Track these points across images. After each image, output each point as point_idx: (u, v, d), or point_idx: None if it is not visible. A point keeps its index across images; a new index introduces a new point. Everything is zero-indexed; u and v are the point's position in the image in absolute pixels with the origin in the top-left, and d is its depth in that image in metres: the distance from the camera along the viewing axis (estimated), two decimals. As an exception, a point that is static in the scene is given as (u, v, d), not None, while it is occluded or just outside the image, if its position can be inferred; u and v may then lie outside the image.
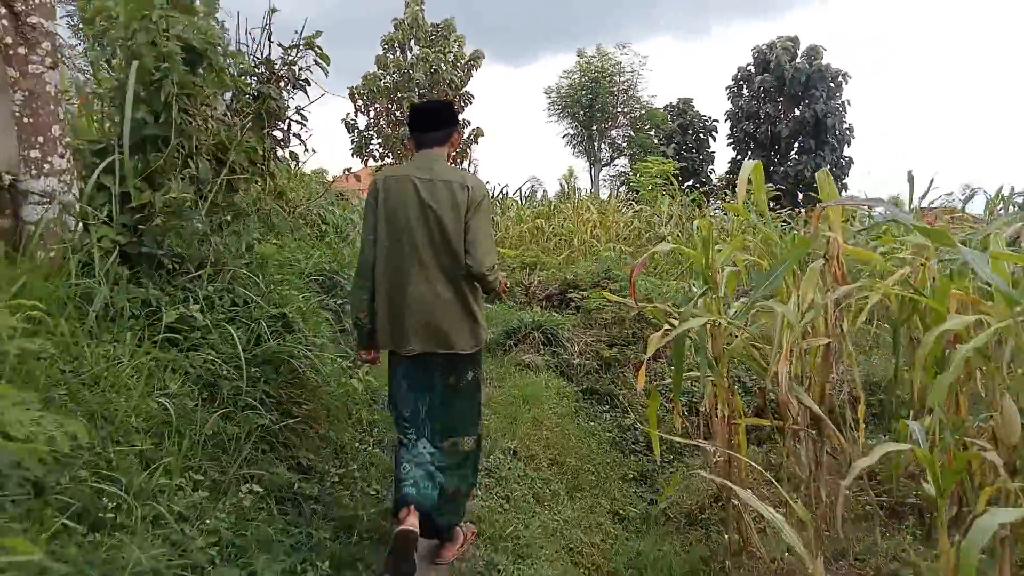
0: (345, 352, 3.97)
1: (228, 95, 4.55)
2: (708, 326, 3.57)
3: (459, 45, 32.29)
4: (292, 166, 4.97)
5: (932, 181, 9.03)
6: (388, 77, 31.92)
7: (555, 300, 8.96)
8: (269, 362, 2.98)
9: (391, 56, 32.20)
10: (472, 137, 32.47)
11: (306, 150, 4.86)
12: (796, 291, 3.62)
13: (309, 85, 4.75)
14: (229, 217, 3.53)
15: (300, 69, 4.80)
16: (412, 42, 32.23)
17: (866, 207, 8.05)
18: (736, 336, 3.69)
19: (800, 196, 24.30)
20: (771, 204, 13.17)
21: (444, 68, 31.63)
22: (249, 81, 4.53)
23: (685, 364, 3.85)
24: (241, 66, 4.52)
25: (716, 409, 4.03)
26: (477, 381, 3.21)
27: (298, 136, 4.88)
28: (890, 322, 4.14)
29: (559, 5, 66.48)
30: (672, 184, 14.51)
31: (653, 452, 5.44)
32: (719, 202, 19.37)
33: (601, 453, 4.83)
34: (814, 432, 3.54)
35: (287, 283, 3.69)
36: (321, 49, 4.81)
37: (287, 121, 4.81)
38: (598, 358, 5.87)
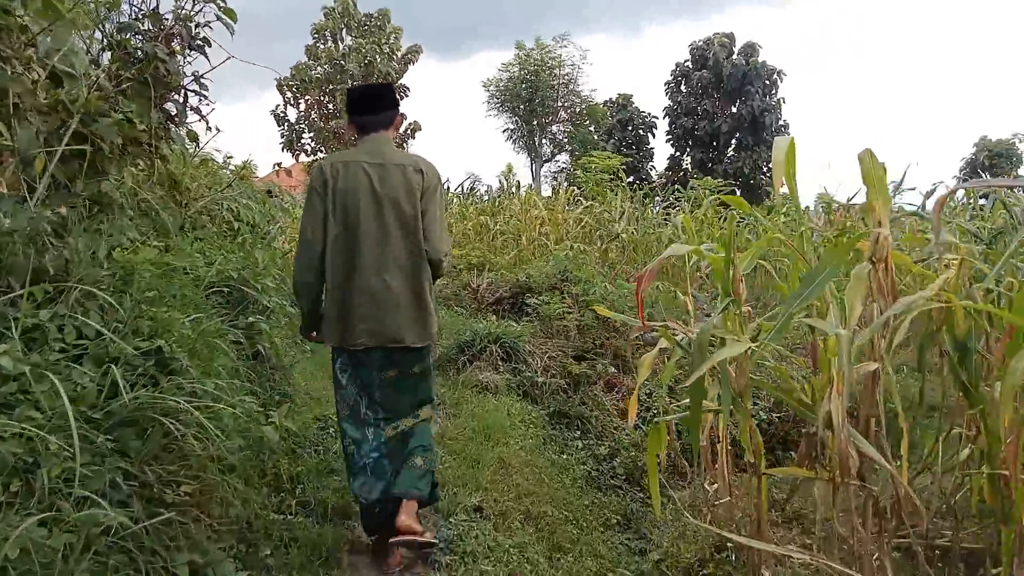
0: (254, 390, 3.02)
1: (105, 56, 3.56)
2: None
3: (395, 37, 31.17)
4: (190, 148, 3.95)
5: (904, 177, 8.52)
6: (319, 68, 30.54)
7: (506, 304, 8.10)
8: (130, 423, 2.02)
9: (322, 46, 30.80)
10: (409, 131, 31.36)
11: (208, 128, 3.87)
12: (835, 303, 2.89)
13: (209, 46, 3.77)
14: (87, 212, 2.53)
15: (198, 26, 3.81)
16: (344, 32, 30.91)
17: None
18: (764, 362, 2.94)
19: (738, 192, 24.14)
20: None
21: (379, 60, 30.42)
22: (129, 37, 3.53)
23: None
24: (121, 21, 3.52)
25: (725, 448, 3.27)
26: (428, 370, 3.11)
27: (197, 111, 3.89)
28: (945, 339, 3.43)
29: (492, 3, 65.71)
30: (620, 179, 13.87)
31: (632, 485, 4.62)
32: (660, 199, 18.75)
33: (577, 493, 4.00)
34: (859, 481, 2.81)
35: (172, 301, 2.70)
36: (225, 2, 3.82)
37: (182, 91, 3.81)
38: (565, 374, 5.04)
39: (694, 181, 13.65)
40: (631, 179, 26.13)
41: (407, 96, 31.13)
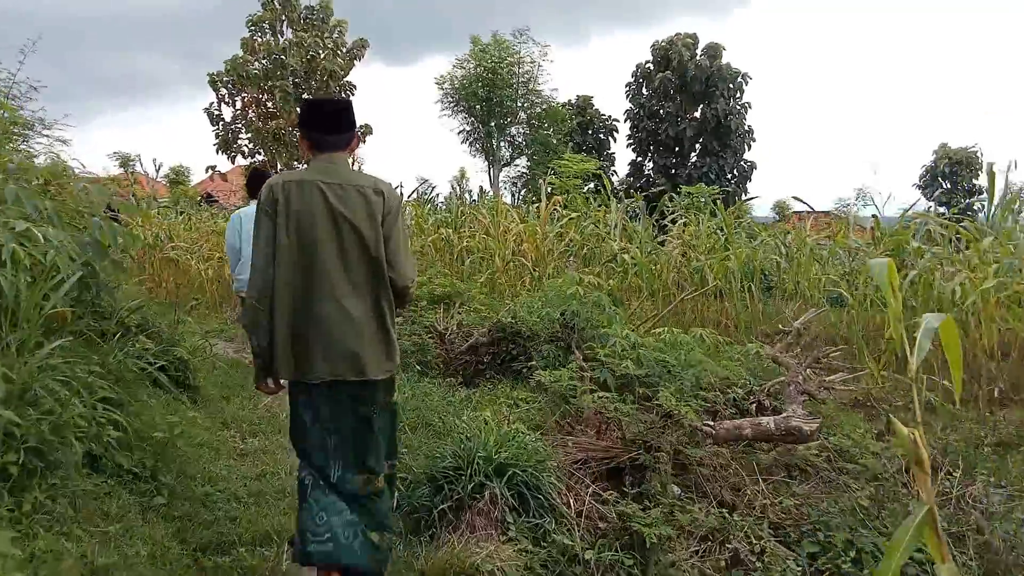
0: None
1: None
2: None
3: (340, 32, 28.64)
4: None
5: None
6: (257, 63, 27.82)
7: (485, 355, 5.96)
8: None
9: (260, 39, 28.06)
10: (359, 132, 28.89)
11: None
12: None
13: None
14: None
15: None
16: (284, 24, 28.26)
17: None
18: None
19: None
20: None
21: (322, 55, 27.89)
22: None
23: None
24: None
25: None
26: (393, 408, 2.93)
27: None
28: None
29: (438, 8, 63.47)
30: (605, 186, 11.88)
31: None
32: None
33: None
34: None
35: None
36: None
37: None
38: (619, 529, 2.89)
39: (690, 188, 11.73)
40: (591, 185, 24.26)
41: (353, 94, 28.73)
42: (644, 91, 32.66)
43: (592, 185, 25.76)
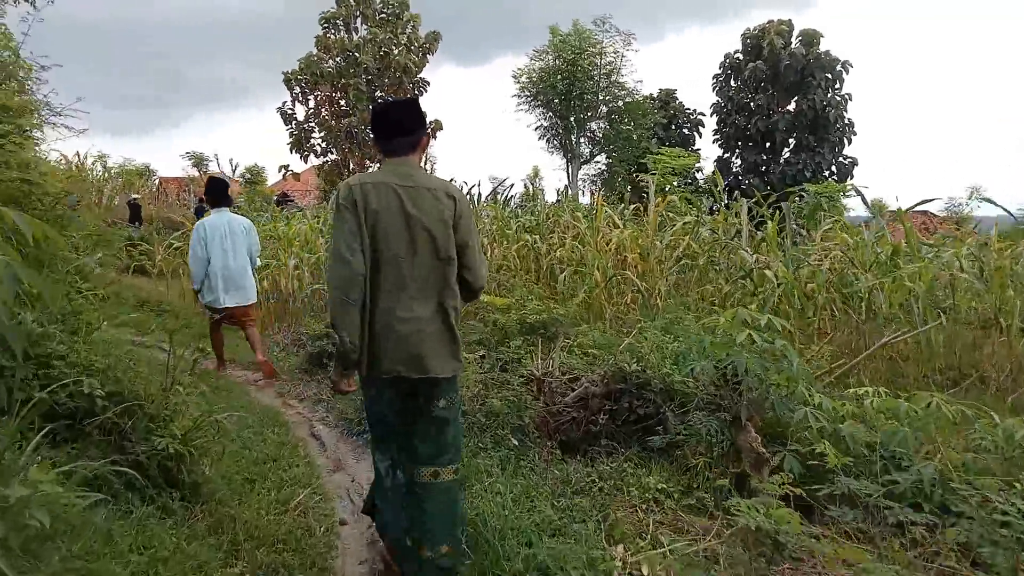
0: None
1: None
2: None
3: (413, 26, 27.60)
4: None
5: None
6: (331, 61, 27.05)
7: (598, 414, 4.37)
8: None
9: (333, 36, 27.28)
10: (430, 131, 27.80)
11: None
12: None
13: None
14: None
15: None
16: (359, 21, 27.39)
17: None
18: None
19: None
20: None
21: (396, 51, 26.89)
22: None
23: None
24: None
25: None
26: (457, 404, 2.85)
27: None
28: None
29: (512, 8, 62.09)
30: (716, 183, 10.08)
31: None
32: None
33: None
34: None
35: None
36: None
37: None
38: None
39: (818, 186, 9.82)
40: (675, 184, 22.29)
41: (426, 91, 27.63)
42: (733, 83, 30.35)
43: (675, 184, 23.84)
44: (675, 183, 12.74)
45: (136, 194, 18.43)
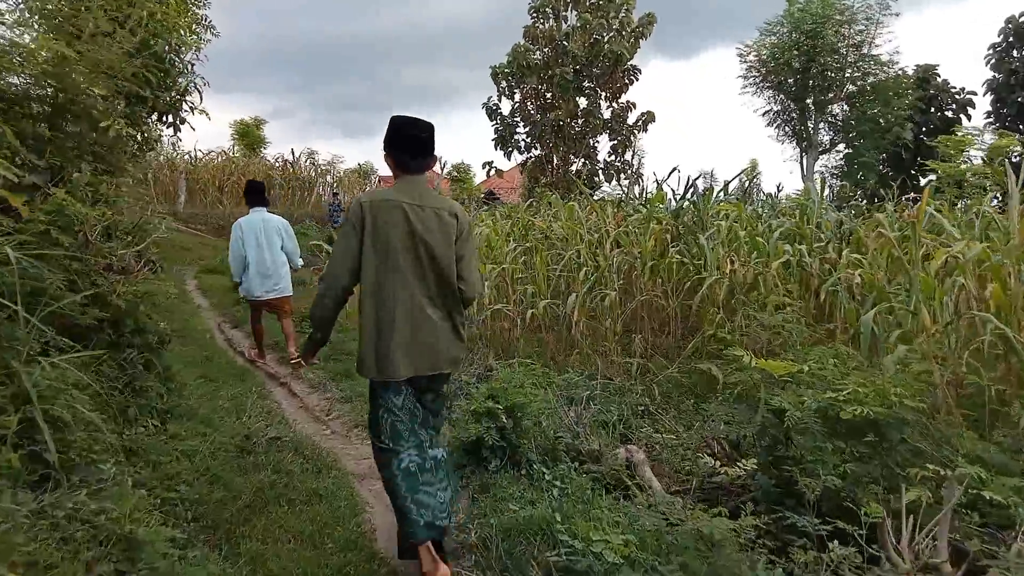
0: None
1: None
2: None
3: (627, 10, 25.21)
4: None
5: None
6: (538, 51, 25.55)
7: None
8: None
9: (542, 25, 25.74)
10: (640, 123, 25.19)
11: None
12: None
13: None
14: None
15: None
16: (569, 8, 25.57)
17: None
18: None
19: None
20: None
21: (606, 37, 24.66)
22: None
23: None
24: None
25: None
26: (447, 393, 3.32)
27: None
28: None
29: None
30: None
31: None
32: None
33: None
34: None
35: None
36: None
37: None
38: None
39: None
40: (932, 177, 17.57)
41: (637, 79, 25.10)
42: (1015, 53, 24.21)
43: (932, 177, 19.03)
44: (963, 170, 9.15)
45: (337, 191, 18.33)
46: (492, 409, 3.43)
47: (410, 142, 2.89)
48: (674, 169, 8.50)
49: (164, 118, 7.40)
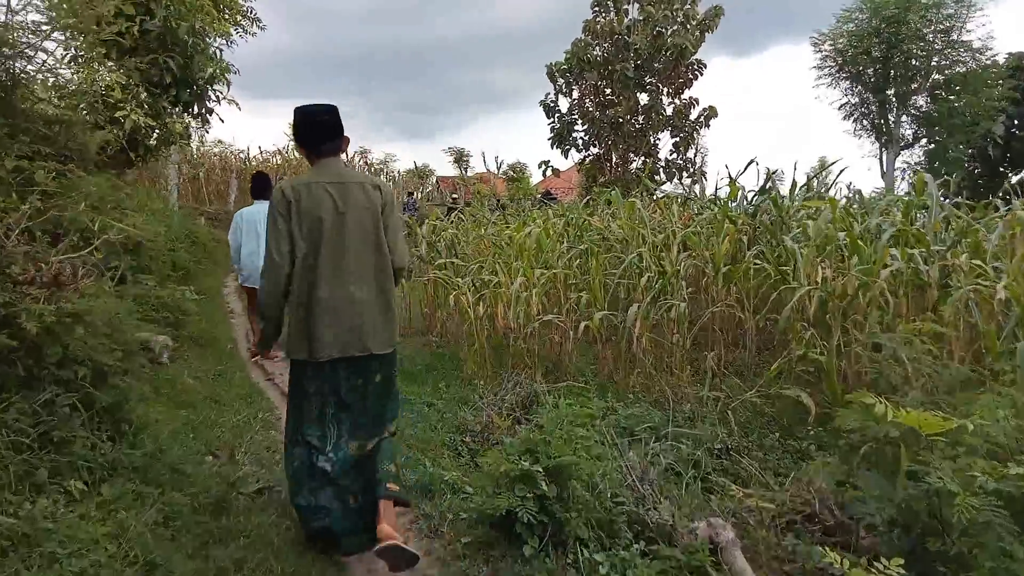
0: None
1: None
2: None
3: (692, 2, 23.96)
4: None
5: None
6: (599, 47, 24.54)
7: None
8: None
9: (602, 19, 24.71)
10: (702, 118, 23.90)
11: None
12: None
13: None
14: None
15: None
16: (632, 2, 24.46)
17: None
18: None
19: None
20: None
21: (669, 31, 23.46)
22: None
23: None
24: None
25: None
26: (392, 378, 3.09)
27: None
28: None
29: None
30: None
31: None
32: None
33: None
34: None
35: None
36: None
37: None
38: None
39: None
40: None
41: (702, 74, 23.76)
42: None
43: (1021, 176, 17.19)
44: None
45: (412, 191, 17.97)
46: (529, 473, 2.59)
47: (316, 128, 2.94)
48: (751, 161, 7.41)
49: (190, 109, 6.84)
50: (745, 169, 11.07)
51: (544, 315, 5.71)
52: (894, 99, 19.41)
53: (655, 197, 9.33)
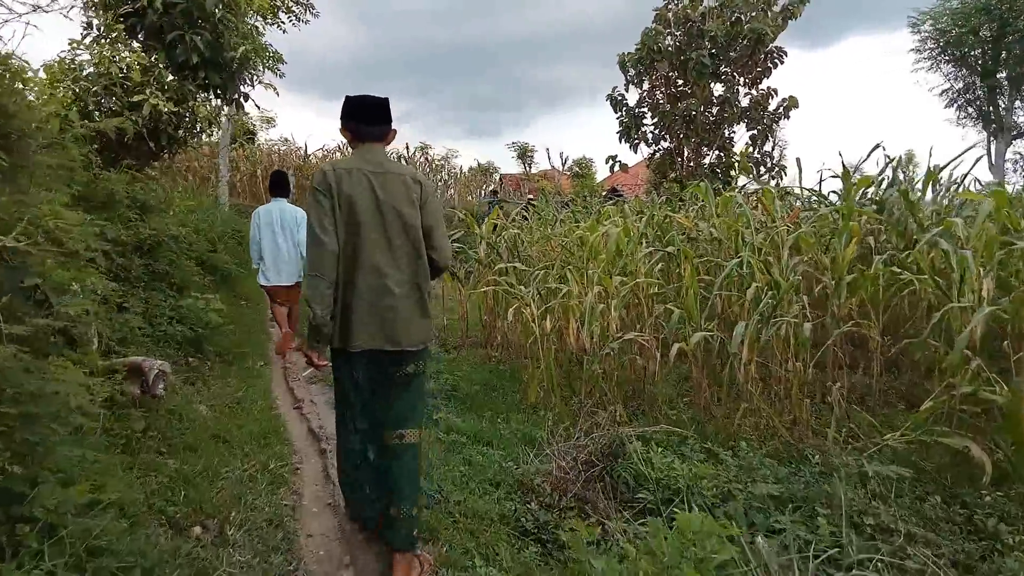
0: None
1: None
2: None
3: (772, -14, 22.30)
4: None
5: None
6: (670, 36, 23.15)
7: None
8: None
9: (675, 6, 23.30)
10: (782, 110, 22.18)
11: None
12: None
13: None
14: None
15: None
16: (708, -14, 22.97)
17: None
18: None
19: None
20: None
21: (746, 17, 21.88)
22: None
23: None
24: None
25: None
26: (422, 374, 2.96)
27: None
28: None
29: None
30: None
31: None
32: None
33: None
34: None
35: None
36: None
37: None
38: None
39: None
40: None
41: (782, 62, 22.08)
42: None
43: None
44: None
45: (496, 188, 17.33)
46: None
47: (365, 110, 2.87)
48: (877, 145, 6.12)
49: (222, 93, 6.12)
50: (870, 154, 9.63)
51: (625, 333, 4.69)
52: (1006, 83, 17.33)
53: (740, 192, 8.13)
